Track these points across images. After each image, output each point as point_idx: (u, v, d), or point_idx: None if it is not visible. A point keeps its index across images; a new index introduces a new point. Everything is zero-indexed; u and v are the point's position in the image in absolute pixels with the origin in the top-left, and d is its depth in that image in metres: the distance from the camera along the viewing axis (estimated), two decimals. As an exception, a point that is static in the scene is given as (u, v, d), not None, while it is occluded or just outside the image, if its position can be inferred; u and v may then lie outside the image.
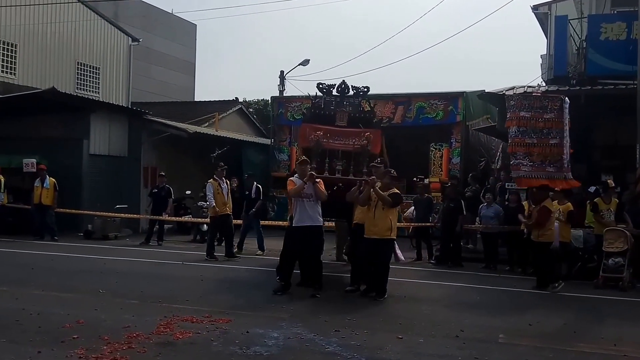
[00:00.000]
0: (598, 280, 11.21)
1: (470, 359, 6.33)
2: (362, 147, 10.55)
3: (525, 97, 12.05)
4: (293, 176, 10.05)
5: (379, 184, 9.53)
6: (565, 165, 11.52)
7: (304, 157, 10.18)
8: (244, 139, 23.85)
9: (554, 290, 10.57)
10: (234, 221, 14.32)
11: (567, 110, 11.45)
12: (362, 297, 9.44)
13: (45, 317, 7.48)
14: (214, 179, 13.76)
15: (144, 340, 6.55)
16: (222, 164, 14.74)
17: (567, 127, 11.52)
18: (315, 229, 9.73)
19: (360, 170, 10.58)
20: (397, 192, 9.63)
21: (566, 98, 11.44)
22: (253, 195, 14.93)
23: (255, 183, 15.04)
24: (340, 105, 11.27)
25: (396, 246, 9.42)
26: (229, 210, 13.81)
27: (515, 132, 11.77)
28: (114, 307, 8.24)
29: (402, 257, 9.48)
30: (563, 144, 11.42)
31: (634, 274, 11.27)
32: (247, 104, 33.64)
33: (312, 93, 11.90)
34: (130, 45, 25.34)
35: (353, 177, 10.41)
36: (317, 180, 9.68)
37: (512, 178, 12.81)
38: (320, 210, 9.86)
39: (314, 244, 9.80)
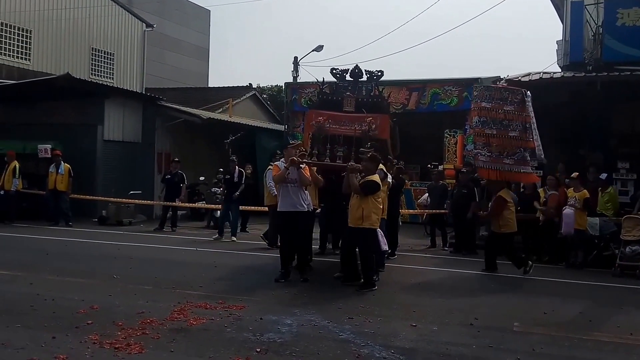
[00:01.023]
0: (615, 269, 11.10)
1: (484, 348, 6.30)
2: (363, 133, 10.44)
3: (487, 89, 11.76)
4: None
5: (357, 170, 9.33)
6: (526, 159, 11.15)
7: (293, 142, 10.04)
8: (258, 125, 23.76)
9: (526, 273, 10.69)
10: (245, 207, 14.17)
11: (529, 104, 11.14)
12: (343, 284, 9.28)
13: (59, 303, 7.51)
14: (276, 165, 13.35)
15: (157, 326, 6.57)
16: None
17: (533, 121, 11.15)
18: (298, 215, 9.58)
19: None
20: (372, 181, 9.15)
21: (528, 92, 11.18)
22: (236, 179, 14.82)
23: (237, 167, 14.92)
24: (348, 91, 11.13)
25: (379, 235, 9.23)
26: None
27: (476, 122, 11.46)
28: (128, 293, 8.25)
29: (385, 247, 9.32)
30: (524, 137, 11.05)
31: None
32: (261, 90, 33.48)
33: (327, 80, 11.80)
34: (145, 31, 25.33)
35: (340, 163, 10.23)
36: (302, 165, 9.54)
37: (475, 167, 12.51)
38: (307, 196, 9.74)
39: (299, 230, 9.70)
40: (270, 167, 12.91)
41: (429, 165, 16.53)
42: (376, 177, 9.24)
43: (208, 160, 19.99)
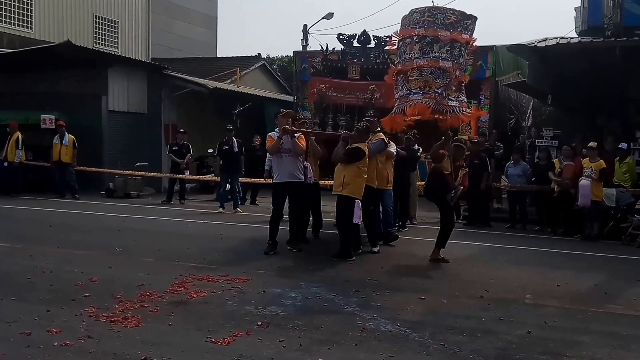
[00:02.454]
0: (625, 237, 11.05)
1: (494, 320, 6.17)
2: (365, 101, 10.14)
3: (420, 11, 9.55)
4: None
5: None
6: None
7: (285, 110, 9.78)
8: (267, 96, 23.44)
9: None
10: (247, 179, 13.80)
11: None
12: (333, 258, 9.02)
13: (57, 275, 7.37)
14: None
15: (157, 299, 6.44)
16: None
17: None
18: (295, 185, 9.36)
19: None
20: (356, 148, 8.79)
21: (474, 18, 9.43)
22: (236, 149, 14.59)
23: (234, 138, 14.66)
24: (356, 57, 10.81)
25: (356, 207, 8.95)
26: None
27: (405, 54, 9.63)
28: (129, 265, 8.12)
29: (358, 220, 9.02)
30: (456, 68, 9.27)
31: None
32: (271, 60, 33.12)
33: (334, 47, 11.55)
34: (149, -2, 24.93)
35: (331, 132, 10.03)
36: (297, 134, 9.28)
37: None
38: (307, 168, 9.49)
39: (297, 201, 9.56)
40: None
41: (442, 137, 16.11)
42: (363, 146, 8.91)
43: (216, 132, 19.67)
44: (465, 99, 9.41)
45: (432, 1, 9.11)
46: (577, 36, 16.04)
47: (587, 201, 11.46)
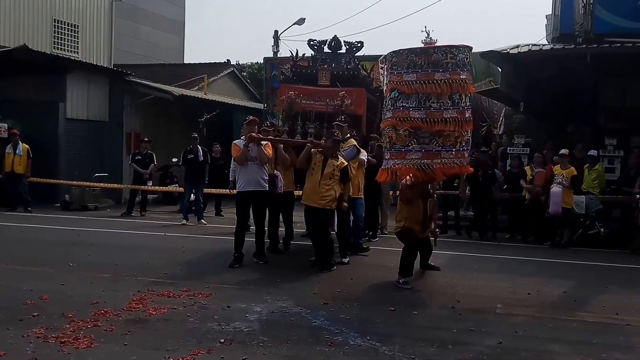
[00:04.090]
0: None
1: (465, 331, 6.12)
2: (335, 108, 9.96)
3: (411, 52, 7.77)
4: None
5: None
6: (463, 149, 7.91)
7: (251, 117, 9.59)
8: (235, 103, 23.19)
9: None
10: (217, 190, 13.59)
11: (468, 65, 7.95)
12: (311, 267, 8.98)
13: (5, 293, 7.03)
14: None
15: (112, 317, 6.16)
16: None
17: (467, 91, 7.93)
18: (260, 194, 9.22)
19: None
20: (346, 167, 8.81)
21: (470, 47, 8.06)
22: (201, 158, 14.28)
23: (199, 147, 14.38)
24: (327, 63, 10.62)
25: (333, 216, 8.89)
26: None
27: (394, 102, 7.85)
28: (84, 281, 7.79)
29: (334, 229, 8.99)
30: (462, 117, 7.75)
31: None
32: (241, 67, 32.90)
33: (305, 53, 11.38)
34: (112, 1, 24.34)
35: (300, 140, 9.84)
36: (264, 142, 9.14)
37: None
38: (266, 175, 9.33)
39: (263, 210, 9.43)
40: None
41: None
42: (342, 160, 8.89)
43: (182, 141, 19.31)
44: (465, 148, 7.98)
45: (428, 35, 8.06)
46: (548, 43, 16.09)
47: (558, 208, 11.45)
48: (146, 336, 5.65)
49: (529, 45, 14.13)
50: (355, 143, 9.59)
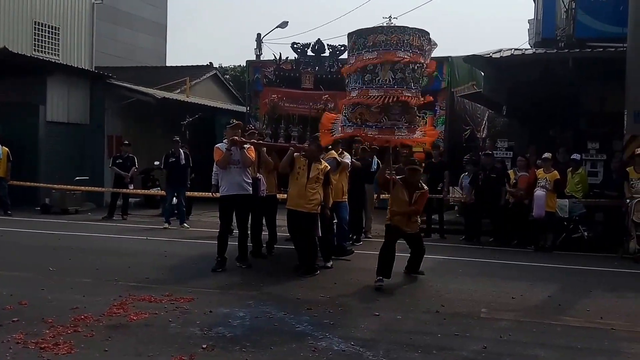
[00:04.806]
0: (637, 253, 10.84)
1: (450, 336, 6.10)
2: (318, 112, 9.93)
3: (374, 30, 8.02)
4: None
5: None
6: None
7: (235, 121, 9.59)
8: (218, 106, 23.09)
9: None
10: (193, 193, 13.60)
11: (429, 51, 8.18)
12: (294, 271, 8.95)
13: (-18, 299, 6.90)
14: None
15: (92, 322, 6.08)
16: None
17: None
18: (243, 198, 9.18)
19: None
20: (328, 171, 8.91)
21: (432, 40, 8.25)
22: (183, 162, 14.16)
23: (181, 150, 14.30)
24: (310, 66, 10.60)
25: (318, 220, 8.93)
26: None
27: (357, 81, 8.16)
28: (64, 286, 7.70)
29: (319, 233, 8.98)
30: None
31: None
32: (223, 70, 32.81)
33: (288, 56, 11.39)
34: (94, 3, 24.13)
35: (283, 143, 9.81)
36: (247, 146, 9.12)
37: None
38: (249, 178, 9.31)
39: (246, 214, 9.42)
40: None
41: (397, 148, 15.98)
42: (324, 164, 8.92)
43: (164, 144, 19.17)
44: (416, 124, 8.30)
45: (390, 18, 8.34)
46: (531, 48, 16.20)
47: (541, 212, 11.47)
48: (127, 342, 5.57)
49: (511, 49, 14.25)
50: (335, 155, 9.62)
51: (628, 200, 11.09)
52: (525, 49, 15.21)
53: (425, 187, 8.76)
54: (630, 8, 11.84)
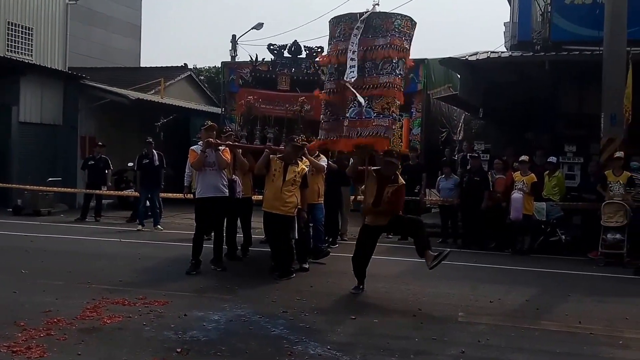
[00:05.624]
0: (600, 258, 10.87)
1: (427, 340, 6.07)
2: (294, 113, 9.88)
3: (349, 17, 7.98)
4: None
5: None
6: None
7: (210, 123, 9.54)
8: (192, 107, 22.98)
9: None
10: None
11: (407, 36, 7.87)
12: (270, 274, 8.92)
13: (-48, 302, 6.78)
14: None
15: (65, 326, 6.00)
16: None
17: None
18: (219, 200, 9.10)
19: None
20: (305, 174, 8.90)
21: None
22: (156, 163, 14.08)
23: (155, 151, 14.20)
24: (286, 68, 10.56)
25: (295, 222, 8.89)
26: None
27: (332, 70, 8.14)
28: (36, 289, 7.56)
29: (296, 235, 8.98)
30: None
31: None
32: (198, 71, 32.65)
33: (264, 57, 11.35)
34: (67, 4, 23.86)
35: (259, 145, 9.78)
36: (221, 147, 9.07)
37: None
38: (226, 180, 9.24)
39: (222, 217, 9.36)
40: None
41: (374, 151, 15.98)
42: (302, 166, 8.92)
43: (137, 145, 18.98)
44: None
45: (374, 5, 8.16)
46: (507, 50, 16.29)
47: (519, 215, 11.50)
48: (100, 346, 5.51)
49: (487, 52, 14.30)
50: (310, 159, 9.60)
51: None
52: (502, 52, 15.28)
53: (402, 180, 8.05)
54: (606, 12, 11.96)
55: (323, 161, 9.92)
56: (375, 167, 8.25)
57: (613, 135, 11.74)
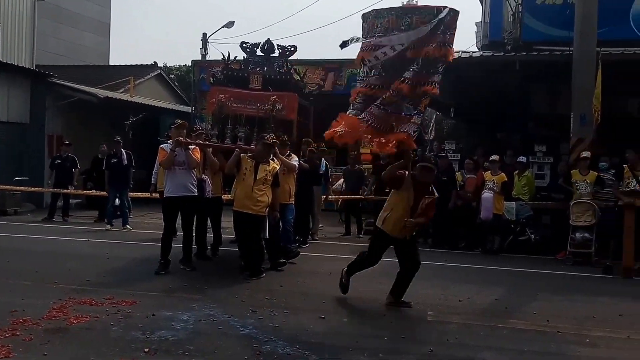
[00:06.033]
0: (568, 258, 10.95)
1: (396, 339, 6.09)
2: (266, 112, 9.85)
3: (379, 14, 7.62)
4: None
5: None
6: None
7: (180, 121, 9.48)
8: (162, 106, 22.78)
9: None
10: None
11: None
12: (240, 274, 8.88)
13: None
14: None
15: (31, 326, 5.92)
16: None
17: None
18: (188, 199, 9.02)
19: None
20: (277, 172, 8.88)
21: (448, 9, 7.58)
22: (125, 162, 13.96)
23: (123, 150, 14.09)
24: (259, 66, 10.50)
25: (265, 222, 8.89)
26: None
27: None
28: (2, 289, 7.52)
29: (266, 235, 8.97)
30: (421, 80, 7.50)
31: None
32: (168, 69, 32.41)
33: (236, 56, 11.27)
34: (35, 1, 23.54)
35: (229, 144, 9.69)
36: (192, 146, 9.00)
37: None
38: (195, 179, 9.16)
39: (191, 216, 9.28)
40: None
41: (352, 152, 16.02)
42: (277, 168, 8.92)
43: (106, 145, 18.78)
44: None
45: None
46: (478, 50, 16.37)
47: (489, 214, 11.56)
48: (67, 346, 5.46)
49: (458, 51, 14.34)
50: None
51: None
52: (473, 52, 15.35)
53: (436, 193, 7.53)
54: (576, 14, 12.06)
55: (294, 160, 9.89)
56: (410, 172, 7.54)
57: (582, 135, 11.84)
